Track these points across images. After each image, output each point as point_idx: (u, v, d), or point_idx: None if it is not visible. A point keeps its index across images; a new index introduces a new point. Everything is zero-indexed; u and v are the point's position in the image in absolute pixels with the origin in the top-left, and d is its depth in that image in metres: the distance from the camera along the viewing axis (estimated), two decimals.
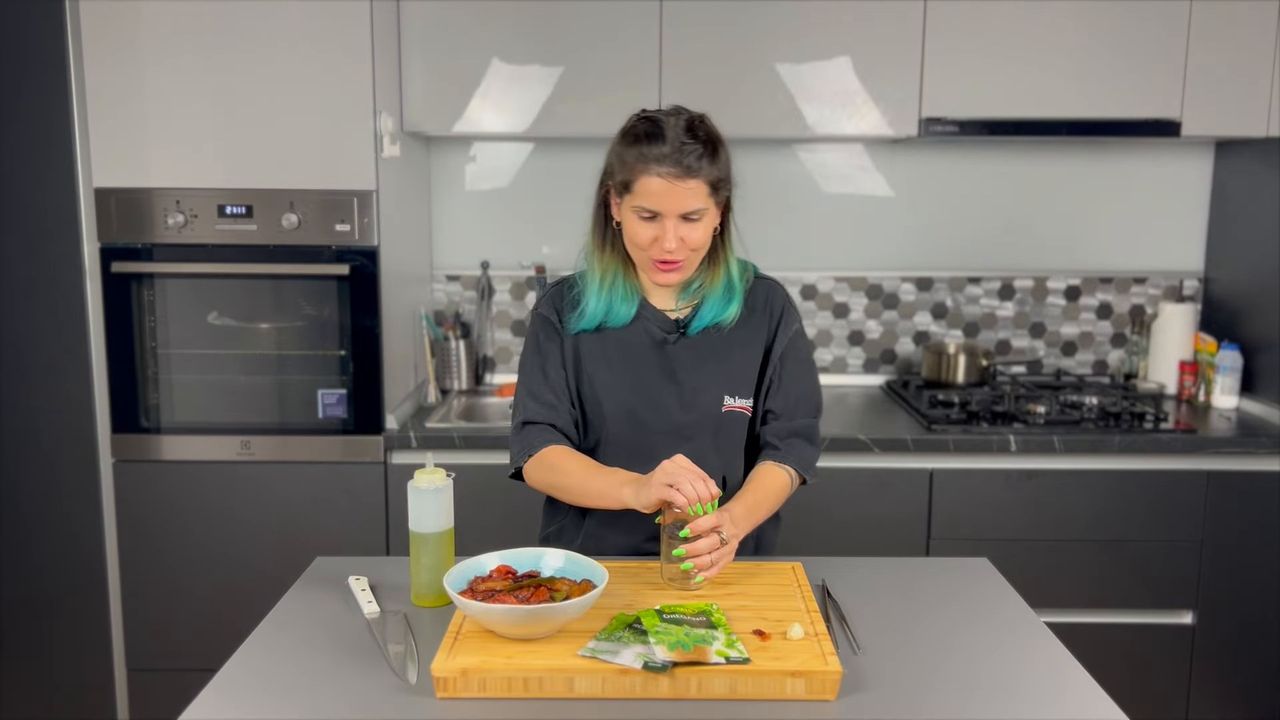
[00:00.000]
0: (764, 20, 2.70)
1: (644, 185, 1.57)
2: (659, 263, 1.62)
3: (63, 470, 2.57)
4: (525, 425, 1.72)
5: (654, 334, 1.71)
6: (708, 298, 1.70)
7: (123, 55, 2.45)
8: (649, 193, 1.57)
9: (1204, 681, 2.70)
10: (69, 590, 2.61)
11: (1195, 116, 2.73)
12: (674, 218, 1.58)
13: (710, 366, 1.70)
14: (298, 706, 1.27)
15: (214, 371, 2.60)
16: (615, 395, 1.69)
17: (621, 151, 1.61)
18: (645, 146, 1.57)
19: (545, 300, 1.77)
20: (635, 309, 1.71)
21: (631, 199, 1.60)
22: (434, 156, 3.11)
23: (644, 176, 1.57)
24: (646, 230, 1.60)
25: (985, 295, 3.19)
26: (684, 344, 1.71)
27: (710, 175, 1.58)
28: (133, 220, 2.51)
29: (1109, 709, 1.29)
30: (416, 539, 1.55)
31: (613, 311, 1.70)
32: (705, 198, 1.58)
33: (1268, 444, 2.60)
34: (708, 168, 1.57)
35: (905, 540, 2.62)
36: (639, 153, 1.57)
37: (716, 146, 1.60)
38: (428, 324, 2.99)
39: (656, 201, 1.57)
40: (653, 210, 1.58)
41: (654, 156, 1.56)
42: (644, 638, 1.34)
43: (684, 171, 1.55)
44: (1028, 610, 1.57)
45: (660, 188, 1.56)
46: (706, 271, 1.70)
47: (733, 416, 1.71)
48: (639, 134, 1.59)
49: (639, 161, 1.57)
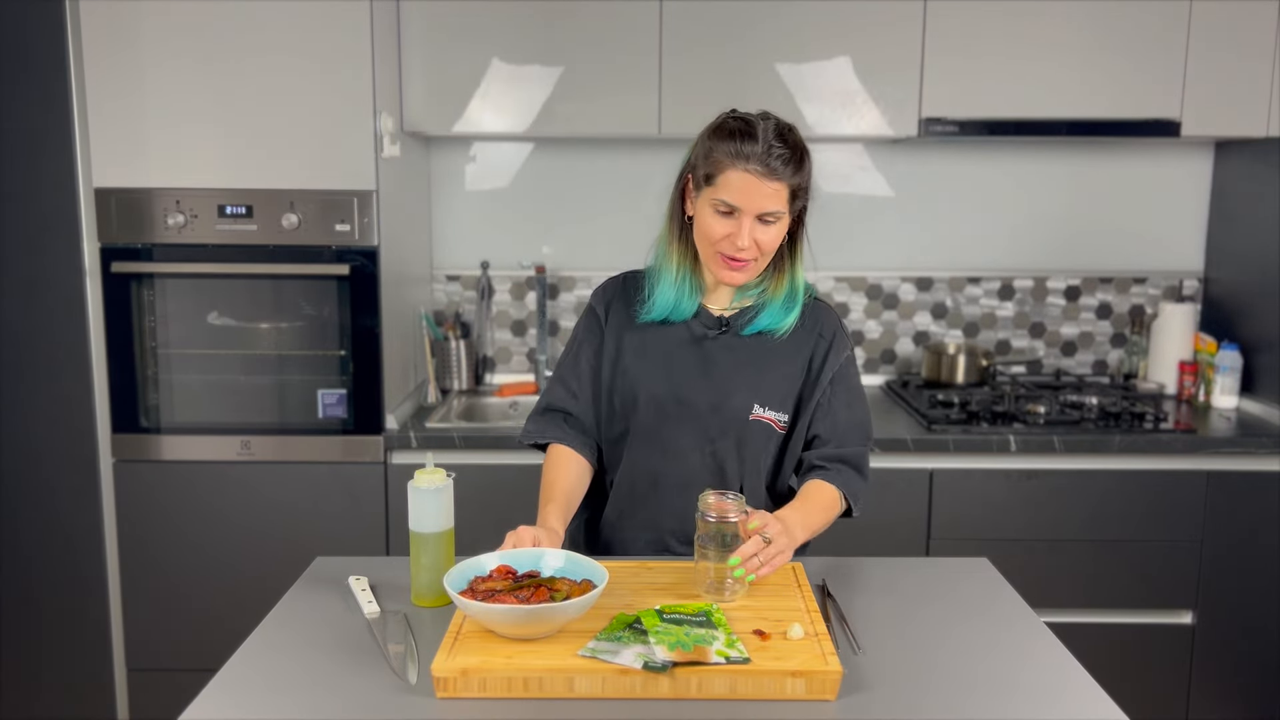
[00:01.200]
0: (764, 20, 2.70)
1: (727, 179, 1.58)
2: (727, 258, 1.62)
3: (63, 470, 2.57)
4: (546, 410, 1.78)
5: (695, 330, 1.72)
6: (768, 304, 1.70)
7: (123, 55, 2.45)
8: (731, 187, 1.58)
9: (1204, 681, 2.70)
10: (69, 590, 2.61)
11: (1195, 116, 2.73)
12: (751, 216, 1.59)
13: (745, 370, 1.70)
14: (298, 706, 1.27)
15: (214, 371, 2.60)
16: (647, 385, 1.70)
17: (711, 145, 1.61)
18: (737, 143, 1.58)
19: (599, 291, 1.80)
20: (697, 305, 1.72)
21: (712, 191, 1.60)
22: (434, 156, 3.11)
23: (729, 171, 1.58)
24: (722, 225, 1.61)
25: (985, 295, 3.19)
26: (723, 342, 1.71)
27: (793, 181, 1.59)
28: (133, 220, 2.51)
29: (1109, 709, 1.29)
30: (416, 539, 1.55)
31: (679, 306, 1.71)
32: (784, 201, 1.60)
33: (1268, 444, 2.60)
34: (792, 174, 1.59)
35: (905, 540, 2.62)
36: (730, 148, 1.58)
37: (804, 155, 1.62)
38: (428, 324, 2.99)
39: (737, 197, 1.58)
40: (732, 205, 1.59)
41: (743, 153, 1.57)
42: (644, 638, 1.34)
43: (769, 172, 1.57)
44: (1028, 610, 1.57)
45: (743, 183, 1.57)
46: (771, 279, 1.71)
47: (759, 426, 1.70)
48: (732, 130, 1.60)
49: (728, 156, 1.58)
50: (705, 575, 1.50)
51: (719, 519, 1.49)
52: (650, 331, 1.73)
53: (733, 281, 1.66)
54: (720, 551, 1.49)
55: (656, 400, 1.70)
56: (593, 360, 1.76)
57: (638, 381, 1.71)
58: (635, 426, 1.71)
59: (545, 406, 1.78)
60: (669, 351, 1.71)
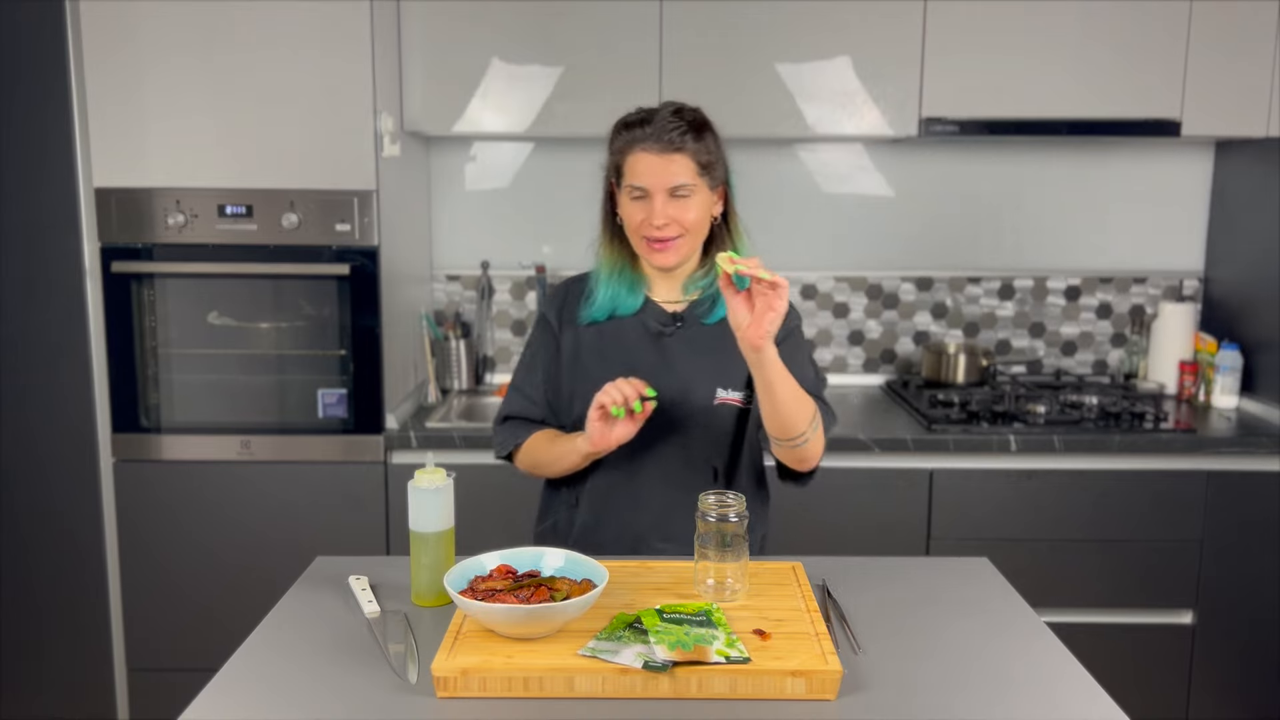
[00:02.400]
0: (764, 20, 2.70)
1: (632, 164, 1.64)
2: (651, 242, 1.66)
3: (63, 470, 2.57)
4: (506, 420, 1.81)
5: (651, 327, 1.74)
6: (718, 299, 1.71)
7: (122, 55, 2.45)
8: (636, 170, 1.64)
9: (1204, 681, 2.70)
10: (69, 590, 2.61)
11: (1195, 116, 2.73)
12: (662, 194, 1.63)
13: (705, 358, 1.72)
14: (298, 707, 1.27)
15: (214, 371, 2.60)
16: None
17: (614, 139, 1.69)
18: (634, 129, 1.65)
19: (546, 299, 1.83)
20: (641, 300, 1.75)
21: (624, 182, 1.66)
22: (434, 156, 3.11)
23: (631, 155, 1.64)
24: (638, 210, 1.65)
25: (985, 295, 3.19)
26: (680, 336, 1.73)
27: (695, 153, 1.64)
28: (133, 220, 2.51)
29: (1109, 709, 1.29)
30: (416, 539, 1.55)
31: (620, 301, 1.74)
32: (693, 175, 1.64)
33: (1268, 444, 2.60)
34: (692, 144, 1.63)
35: (905, 540, 2.62)
36: (628, 135, 1.66)
37: (702, 127, 1.66)
38: (428, 324, 2.99)
39: (643, 178, 1.63)
40: (641, 187, 1.64)
41: (640, 136, 1.64)
42: (644, 637, 1.34)
43: (667, 146, 1.62)
44: (1028, 610, 1.57)
45: (646, 164, 1.63)
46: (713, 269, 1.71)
47: (725, 409, 1.72)
48: (629, 121, 1.68)
49: (627, 143, 1.65)
50: (705, 575, 1.50)
51: (719, 519, 1.49)
52: (607, 333, 1.75)
53: (663, 264, 1.69)
54: (720, 551, 1.49)
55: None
56: (549, 367, 1.78)
57: (601, 383, 1.69)
58: None
59: (506, 416, 1.81)
60: (628, 349, 1.74)
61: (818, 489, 2.58)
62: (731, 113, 2.72)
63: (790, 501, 2.59)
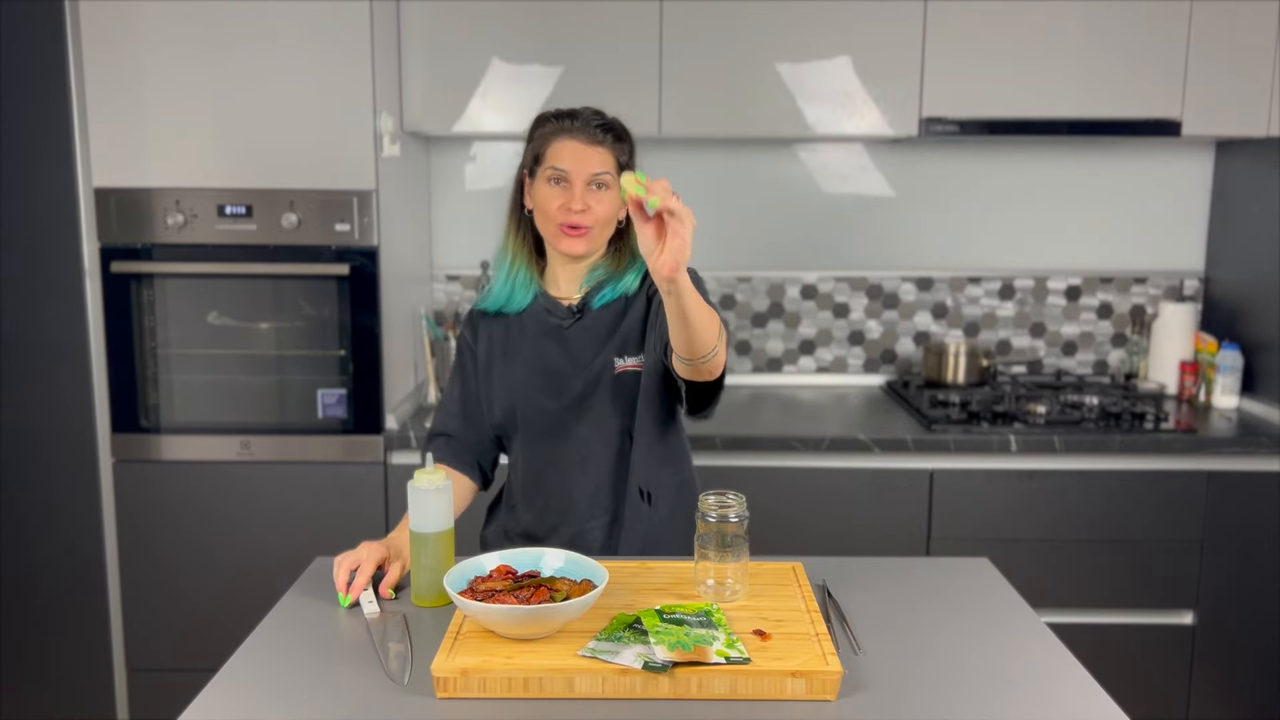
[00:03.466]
0: (764, 20, 2.70)
1: (556, 150, 1.71)
2: (566, 227, 1.70)
3: (63, 470, 2.57)
4: (432, 437, 1.86)
5: (549, 322, 1.79)
6: (606, 285, 1.77)
7: (122, 55, 2.45)
8: (561, 155, 1.71)
9: (1204, 681, 2.70)
10: (69, 590, 2.61)
11: (1195, 116, 2.73)
12: (582, 180, 1.70)
13: (604, 341, 1.76)
14: (297, 706, 1.27)
15: (214, 371, 2.60)
16: (521, 389, 1.78)
17: (537, 130, 1.76)
18: (560, 120, 1.74)
19: (463, 324, 1.90)
20: (531, 297, 1.80)
21: (543, 168, 1.72)
22: (434, 156, 3.11)
23: (555, 142, 1.72)
24: (557, 195, 1.71)
25: (985, 295, 3.19)
26: (578, 327, 1.78)
27: (616, 151, 1.73)
28: (133, 220, 2.51)
29: (1109, 709, 1.29)
30: (416, 539, 1.55)
31: (513, 297, 1.80)
32: (611, 166, 1.72)
33: (1268, 444, 2.60)
34: (613, 143, 1.73)
35: (905, 540, 2.62)
36: (554, 125, 1.73)
37: (623, 133, 1.77)
38: (428, 324, 2.99)
39: (567, 161, 1.70)
40: (562, 171, 1.70)
41: (566, 127, 1.72)
42: (644, 638, 1.34)
43: (591, 137, 1.71)
44: (1028, 610, 1.57)
45: (571, 150, 1.71)
46: (611, 258, 1.79)
47: (626, 375, 1.75)
48: (555, 113, 1.76)
49: (553, 132, 1.73)
50: (705, 575, 1.50)
51: (719, 519, 1.48)
52: (511, 334, 1.81)
53: (572, 250, 1.72)
54: (720, 552, 1.49)
55: (532, 398, 1.77)
56: (465, 382, 1.84)
57: (513, 387, 1.78)
58: (521, 422, 1.78)
59: (431, 433, 1.87)
60: (532, 350, 1.79)
61: (819, 489, 2.60)
62: (731, 113, 2.76)
63: (791, 502, 2.59)
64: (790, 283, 3.16)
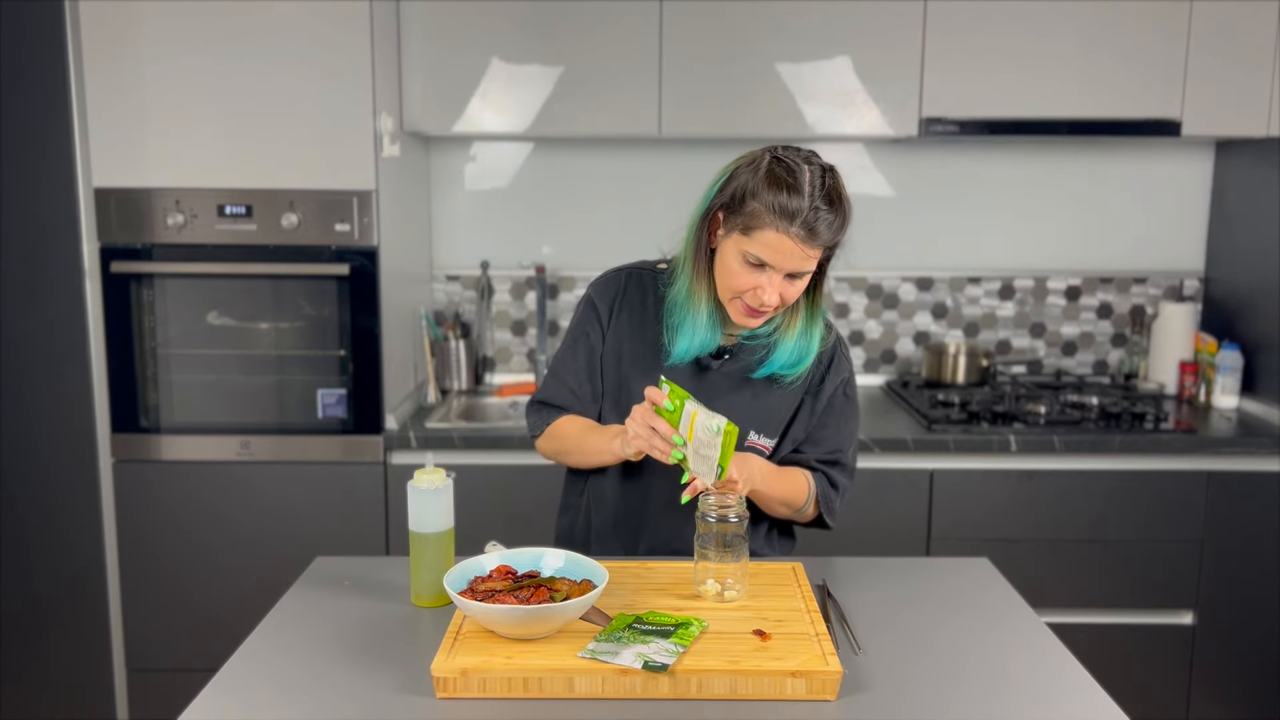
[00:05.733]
0: (764, 20, 2.70)
1: (766, 238, 1.49)
2: (749, 308, 1.56)
3: (63, 470, 2.57)
4: (539, 404, 1.75)
5: (701, 359, 1.67)
6: (780, 344, 1.64)
7: (123, 55, 2.45)
8: (768, 246, 1.50)
9: (1204, 681, 2.70)
10: (69, 590, 2.61)
11: (1195, 116, 2.73)
12: (781, 274, 1.52)
13: (744, 397, 1.66)
14: (297, 707, 1.27)
15: (214, 371, 2.60)
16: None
17: (754, 192, 1.50)
18: (786, 202, 1.47)
19: (600, 286, 1.73)
20: (717, 343, 1.66)
21: (746, 243, 1.51)
22: (434, 156, 3.11)
23: (772, 230, 1.49)
24: (749, 277, 1.53)
25: (985, 295, 3.19)
26: (724, 371, 1.67)
27: (832, 242, 1.53)
28: (133, 220, 2.51)
29: (1109, 709, 1.29)
30: (416, 539, 1.54)
31: (708, 340, 1.64)
32: (816, 261, 1.54)
33: (1268, 444, 2.60)
34: (832, 237, 1.52)
35: (905, 540, 2.62)
36: (775, 204, 1.48)
37: (847, 215, 1.53)
38: (428, 324, 2.99)
39: (772, 256, 1.50)
40: (764, 261, 1.51)
41: (788, 213, 1.47)
42: (644, 638, 1.34)
43: (810, 237, 1.48)
44: (1028, 610, 1.57)
45: (781, 245, 1.49)
46: (786, 317, 1.65)
47: (752, 451, 1.66)
48: (779, 181, 1.49)
49: (770, 213, 1.48)
50: (705, 576, 1.50)
51: (719, 519, 1.48)
52: (654, 347, 1.69)
53: (751, 327, 1.62)
54: (720, 552, 1.49)
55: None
56: (591, 358, 1.72)
57: (637, 397, 1.64)
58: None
59: (542, 401, 1.75)
60: (672, 373, 1.66)
61: None
62: (731, 113, 2.75)
63: None
64: None
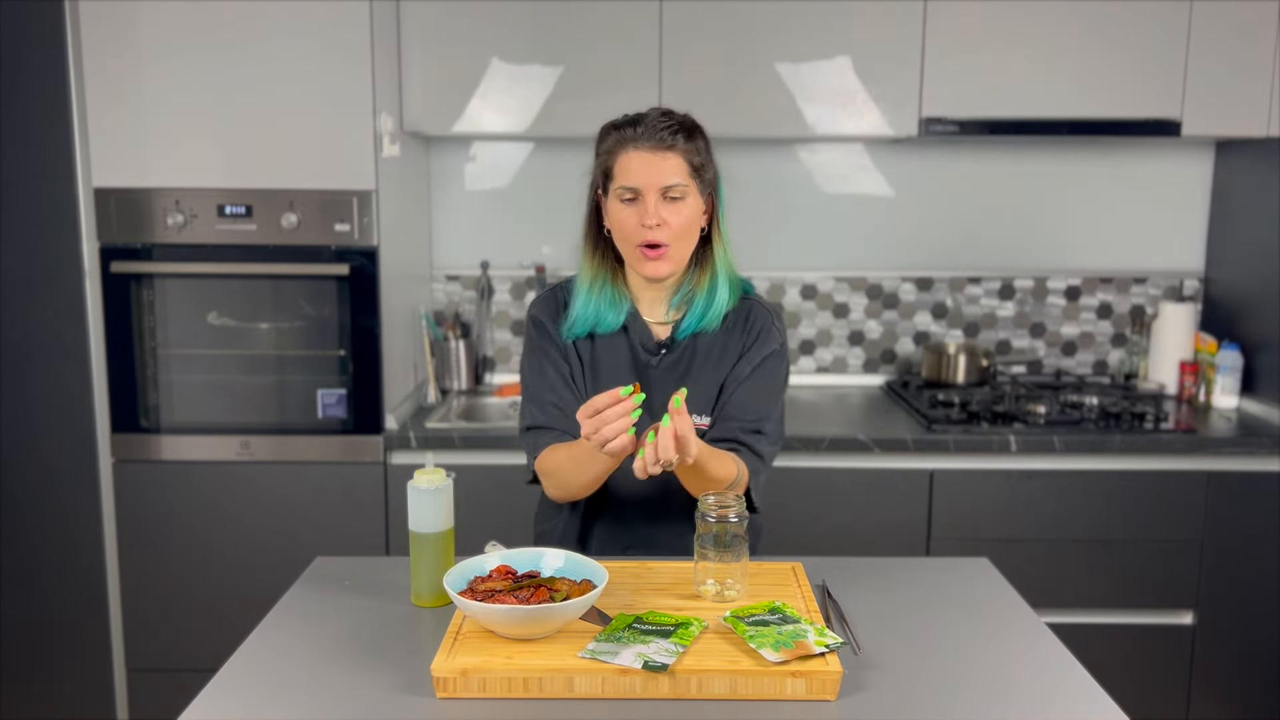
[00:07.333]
0: (764, 20, 2.70)
1: (623, 164, 1.61)
2: (645, 249, 1.61)
3: (63, 470, 2.57)
4: (528, 430, 1.72)
5: (639, 355, 1.70)
6: (695, 301, 1.68)
7: (122, 55, 2.45)
8: (628, 170, 1.60)
9: (1204, 681, 2.70)
10: (69, 590, 2.61)
11: (1195, 116, 2.73)
12: (654, 194, 1.59)
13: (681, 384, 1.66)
14: (297, 707, 1.27)
15: (214, 371, 2.60)
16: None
17: (601, 142, 1.66)
18: (624, 129, 1.62)
19: (539, 303, 1.77)
20: (624, 317, 1.70)
21: (614, 185, 1.62)
22: (434, 156, 3.11)
23: (622, 156, 1.61)
24: (631, 214, 1.61)
25: (985, 295, 3.19)
26: (664, 366, 1.70)
27: (687, 153, 1.61)
28: (132, 220, 2.51)
29: (1109, 709, 1.29)
30: (416, 539, 1.55)
31: (601, 318, 1.70)
32: (685, 175, 1.61)
33: (1268, 444, 2.60)
34: (684, 144, 1.61)
35: (905, 540, 2.62)
36: (618, 136, 1.63)
37: (694, 129, 1.64)
38: (428, 324, 2.99)
39: (635, 177, 1.60)
40: (634, 188, 1.60)
41: (631, 136, 1.61)
42: (644, 638, 1.34)
43: (659, 144, 1.59)
44: (1028, 610, 1.57)
45: (638, 162, 1.60)
46: (696, 273, 1.69)
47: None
48: (617, 122, 1.65)
49: (618, 144, 1.62)
50: (705, 575, 1.50)
51: (718, 519, 1.48)
52: (599, 353, 1.71)
53: (656, 274, 1.63)
54: (720, 552, 1.48)
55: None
56: (559, 368, 1.71)
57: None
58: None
59: (527, 427, 1.72)
60: (615, 368, 1.70)
61: (819, 489, 2.60)
62: (731, 113, 2.75)
63: (792, 502, 2.59)
64: (790, 283, 3.16)
